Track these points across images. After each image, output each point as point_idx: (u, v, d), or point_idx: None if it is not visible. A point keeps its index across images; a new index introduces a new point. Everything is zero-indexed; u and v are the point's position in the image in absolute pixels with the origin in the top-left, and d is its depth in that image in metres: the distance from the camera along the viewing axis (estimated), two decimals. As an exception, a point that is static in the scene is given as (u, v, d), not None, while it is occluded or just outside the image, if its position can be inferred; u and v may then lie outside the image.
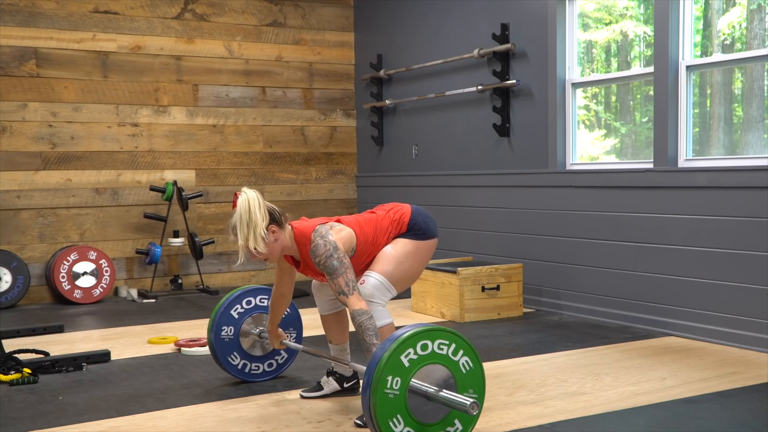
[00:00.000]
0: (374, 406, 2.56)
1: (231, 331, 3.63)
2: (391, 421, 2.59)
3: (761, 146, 4.48)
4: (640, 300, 4.84)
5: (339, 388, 3.45)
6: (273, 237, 3.09)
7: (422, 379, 2.64)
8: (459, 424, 2.72)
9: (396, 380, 2.59)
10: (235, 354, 3.65)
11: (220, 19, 6.95)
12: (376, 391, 2.56)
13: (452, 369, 2.71)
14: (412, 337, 2.63)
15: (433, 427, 2.67)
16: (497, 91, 5.78)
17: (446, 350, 2.70)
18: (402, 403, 2.60)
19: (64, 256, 6.14)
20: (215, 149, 6.97)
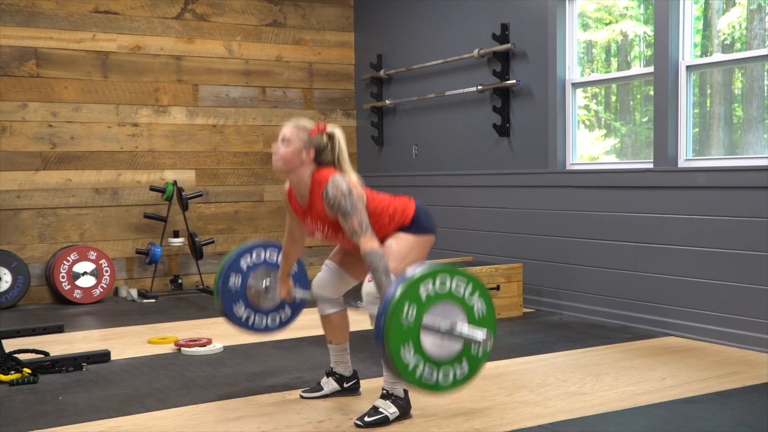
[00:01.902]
0: (389, 331, 2.63)
1: (238, 281, 3.61)
2: (403, 346, 2.65)
3: (761, 146, 4.48)
4: (640, 300, 4.84)
5: (339, 388, 3.45)
6: (306, 153, 3.10)
7: (437, 314, 2.72)
8: (466, 365, 2.78)
9: (412, 310, 2.67)
10: (241, 305, 3.62)
11: (220, 19, 6.95)
12: (392, 316, 2.63)
13: (466, 311, 2.78)
14: (433, 273, 2.71)
15: (441, 364, 2.74)
16: (497, 91, 5.78)
17: (463, 291, 2.77)
18: (415, 333, 2.68)
19: (64, 256, 6.14)
20: (215, 149, 6.97)
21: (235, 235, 7.07)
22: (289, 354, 4.31)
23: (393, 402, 3.10)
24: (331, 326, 3.40)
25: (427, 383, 2.73)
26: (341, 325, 3.40)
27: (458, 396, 3.43)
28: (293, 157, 3.10)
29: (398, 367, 2.67)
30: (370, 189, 3.23)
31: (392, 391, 3.12)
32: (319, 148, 3.13)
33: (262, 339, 4.71)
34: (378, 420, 3.05)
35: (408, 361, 2.67)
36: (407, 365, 2.68)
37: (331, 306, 3.38)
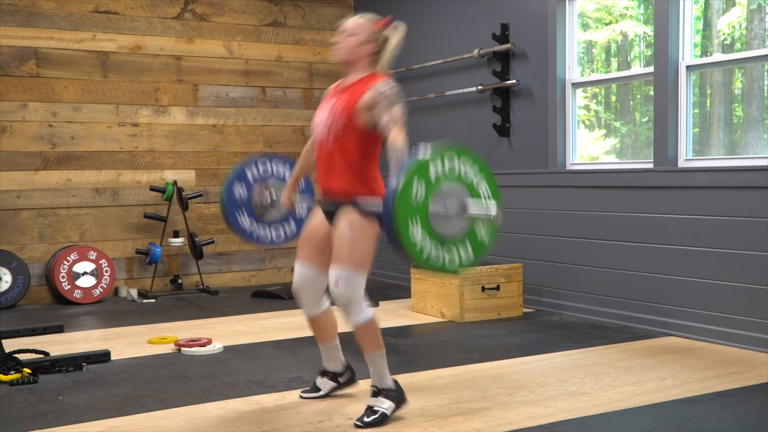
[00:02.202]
0: (398, 208, 2.68)
1: (244, 191, 3.62)
2: (411, 219, 2.71)
3: (761, 146, 4.48)
4: (640, 300, 4.84)
5: (335, 385, 3.45)
6: (367, 47, 3.16)
7: (446, 193, 2.80)
8: (470, 249, 2.87)
9: (421, 188, 2.73)
10: (245, 215, 3.63)
11: (220, 19, 6.95)
12: (402, 194, 2.69)
13: (472, 193, 2.87)
14: (442, 153, 2.79)
15: (449, 246, 2.81)
16: (497, 91, 5.78)
17: (470, 174, 2.86)
18: (423, 214, 2.74)
19: (64, 256, 6.14)
20: (215, 149, 6.97)
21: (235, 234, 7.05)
22: (289, 354, 4.31)
23: (385, 396, 3.10)
24: (318, 327, 3.38)
25: (434, 264, 2.80)
26: (327, 324, 3.38)
27: (458, 396, 3.44)
28: (356, 47, 3.16)
29: (407, 246, 2.72)
30: None
31: (382, 387, 3.11)
32: (381, 43, 3.17)
33: (261, 340, 4.71)
34: (377, 418, 3.05)
35: (416, 240, 2.73)
36: (415, 245, 2.73)
37: (315, 308, 3.34)
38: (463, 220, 2.85)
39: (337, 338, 3.44)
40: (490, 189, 2.92)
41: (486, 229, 2.92)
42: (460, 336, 4.77)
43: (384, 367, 3.13)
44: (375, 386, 3.13)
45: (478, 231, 2.90)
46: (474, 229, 2.89)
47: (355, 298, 3.03)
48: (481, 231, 2.91)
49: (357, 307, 3.04)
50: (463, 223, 2.85)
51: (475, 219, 2.87)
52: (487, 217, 2.84)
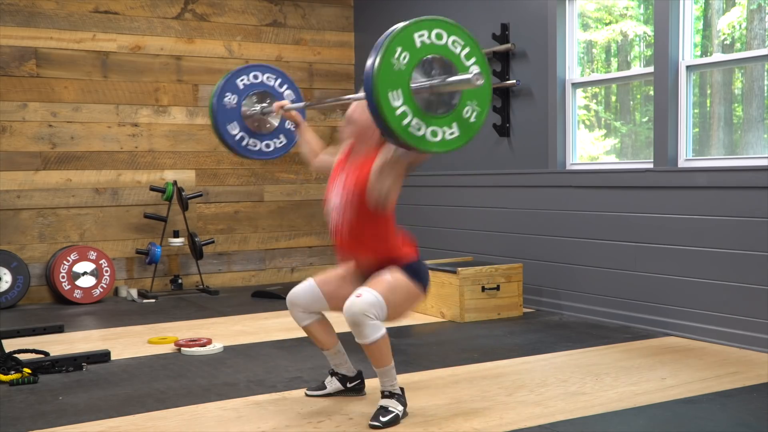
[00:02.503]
0: (377, 71, 2.55)
1: (234, 100, 3.58)
2: (391, 93, 2.58)
3: (761, 146, 4.48)
4: (640, 300, 4.84)
5: (342, 388, 3.45)
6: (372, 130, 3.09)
7: (429, 64, 2.66)
8: (456, 128, 2.72)
9: (404, 54, 2.60)
10: (235, 124, 3.59)
11: (220, 19, 6.95)
12: (383, 56, 2.56)
13: (461, 71, 2.71)
14: (432, 22, 2.66)
15: (431, 120, 2.66)
16: (497, 91, 5.78)
17: (459, 51, 2.71)
18: (405, 80, 2.60)
19: (64, 256, 6.14)
20: (215, 149, 6.96)
21: (235, 235, 7.07)
22: (289, 354, 4.31)
23: (398, 400, 3.12)
24: (313, 335, 3.38)
25: (412, 134, 2.63)
26: (323, 332, 3.37)
27: (458, 396, 3.44)
28: (363, 133, 3.13)
29: (384, 109, 2.58)
30: None
31: (393, 390, 3.12)
32: None
33: (261, 340, 4.71)
34: (392, 419, 3.05)
35: (395, 106, 2.59)
36: (394, 109, 2.59)
37: (306, 318, 3.33)
38: (449, 94, 2.68)
39: (339, 343, 3.42)
40: (477, 61, 2.76)
41: (474, 106, 2.74)
42: (460, 336, 4.77)
43: (395, 376, 3.13)
44: (387, 391, 3.12)
45: (466, 109, 2.73)
46: (462, 107, 2.72)
47: (369, 317, 2.96)
48: (469, 109, 2.74)
49: (369, 327, 2.97)
50: (449, 97, 2.69)
51: (462, 95, 2.70)
52: (468, 83, 2.62)
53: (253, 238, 7.16)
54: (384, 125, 2.62)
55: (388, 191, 2.98)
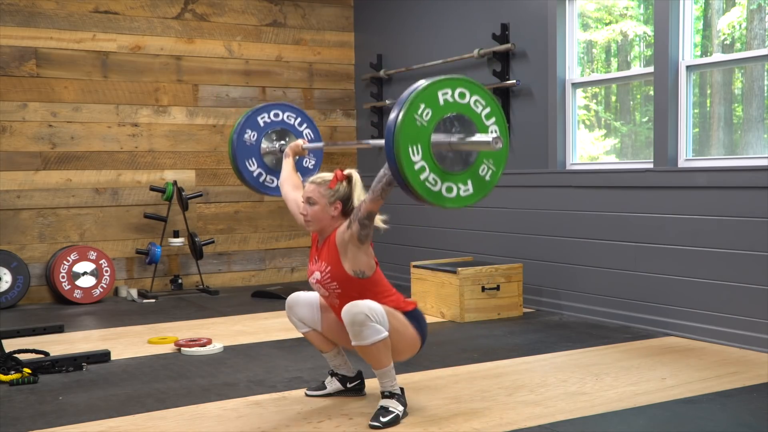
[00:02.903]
0: (400, 125, 2.66)
1: (254, 137, 3.64)
2: (411, 147, 2.69)
3: (761, 146, 4.48)
4: (640, 300, 4.84)
5: (342, 388, 3.45)
6: (333, 209, 3.16)
7: (450, 121, 2.77)
8: (471, 186, 2.82)
9: (427, 111, 2.71)
10: (254, 161, 3.65)
11: (220, 19, 6.95)
12: (407, 111, 2.67)
13: (481, 130, 2.82)
14: (456, 81, 2.76)
15: (448, 176, 2.77)
16: (497, 91, 5.78)
17: (480, 110, 2.82)
18: (426, 136, 2.71)
19: (64, 256, 6.14)
20: (215, 149, 6.97)
21: (235, 235, 7.07)
22: (289, 354, 4.31)
23: (398, 400, 3.12)
24: (312, 340, 3.39)
25: (429, 189, 2.75)
26: (321, 337, 3.38)
27: (458, 396, 3.44)
28: (322, 215, 3.17)
29: (403, 163, 2.69)
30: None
31: (393, 391, 3.12)
32: (343, 199, 3.16)
33: (261, 340, 4.71)
34: (392, 419, 3.06)
35: (414, 160, 2.69)
36: (413, 164, 2.70)
37: (303, 327, 3.37)
38: (466, 152, 2.78)
39: (339, 347, 3.43)
40: (497, 122, 2.87)
41: (490, 165, 2.85)
42: (460, 336, 4.77)
43: (394, 376, 3.14)
44: (387, 391, 3.13)
45: (481, 167, 2.83)
46: (478, 165, 2.82)
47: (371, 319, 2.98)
48: (485, 168, 2.84)
49: (370, 328, 2.99)
50: (466, 155, 2.79)
51: (479, 154, 2.80)
52: (487, 145, 2.74)
53: (253, 238, 7.16)
54: (402, 179, 2.73)
55: (364, 265, 3.09)
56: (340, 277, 3.10)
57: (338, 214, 3.17)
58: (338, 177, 3.16)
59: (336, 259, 3.11)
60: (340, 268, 3.10)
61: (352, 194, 3.17)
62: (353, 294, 3.11)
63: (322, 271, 3.15)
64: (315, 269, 3.21)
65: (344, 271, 3.10)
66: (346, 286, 3.12)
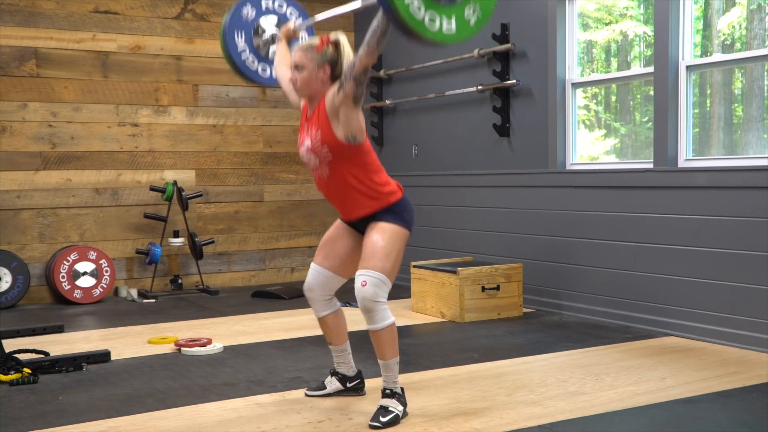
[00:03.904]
0: None
1: (252, 14, 3.61)
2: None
3: (761, 146, 4.48)
4: (640, 300, 4.84)
5: (342, 388, 3.45)
6: (322, 72, 3.12)
7: None
8: (453, 25, 2.73)
9: None
10: (242, 37, 3.60)
11: (220, 19, 6.95)
12: None
13: None
14: None
15: (432, 5, 2.67)
16: (497, 91, 5.78)
17: None
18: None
19: (64, 256, 6.14)
20: (215, 149, 6.97)
21: (235, 235, 7.07)
22: (289, 354, 4.31)
23: (398, 400, 3.13)
24: (328, 328, 3.39)
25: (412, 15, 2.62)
26: (337, 326, 3.39)
27: (458, 396, 3.44)
28: (311, 79, 3.13)
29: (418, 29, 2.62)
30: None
31: (395, 389, 3.13)
32: (331, 62, 3.14)
33: (261, 340, 4.71)
34: (392, 419, 3.06)
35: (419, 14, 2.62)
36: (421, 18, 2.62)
37: (324, 308, 3.36)
38: None
39: (348, 342, 3.44)
40: None
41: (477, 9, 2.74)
42: (460, 336, 4.77)
43: (397, 373, 3.15)
44: (389, 389, 3.13)
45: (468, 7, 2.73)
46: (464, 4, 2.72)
47: (380, 303, 3.04)
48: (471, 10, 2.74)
49: (380, 312, 3.04)
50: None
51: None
52: None
53: (253, 238, 7.16)
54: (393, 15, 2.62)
55: (356, 129, 3.05)
56: (331, 142, 3.08)
57: (327, 79, 3.13)
58: (324, 41, 3.14)
59: (327, 125, 3.08)
60: (331, 134, 3.07)
61: (340, 58, 3.15)
62: (344, 164, 3.10)
63: (313, 138, 3.12)
64: (305, 137, 3.18)
65: (335, 137, 3.07)
66: (337, 153, 3.09)
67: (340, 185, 3.14)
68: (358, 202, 3.15)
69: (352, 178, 3.12)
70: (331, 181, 3.16)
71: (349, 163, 3.11)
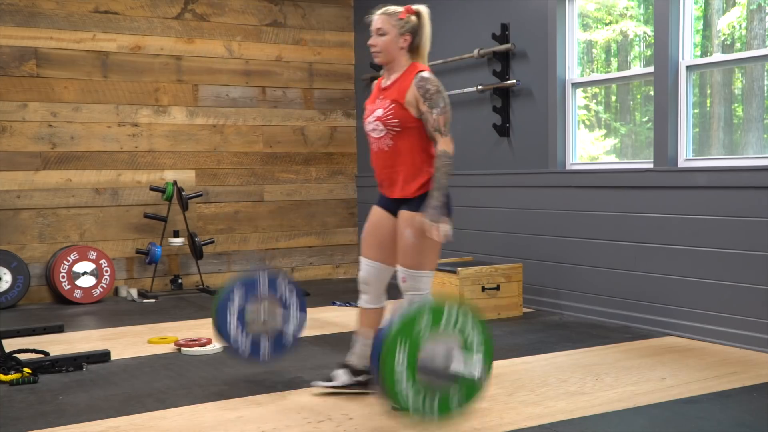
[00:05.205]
0: (384, 374, 2.67)
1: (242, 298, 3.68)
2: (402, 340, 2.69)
3: (761, 146, 4.48)
4: (640, 300, 4.84)
5: (351, 382, 3.46)
6: (403, 40, 3.20)
7: (432, 347, 2.75)
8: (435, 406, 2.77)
9: (404, 350, 2.69)
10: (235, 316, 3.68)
11: (220, 19, 6.95)
12: (386, 358, 2.67)
13: (463, 342, 2.82)
14: (427, 309, 2.75)
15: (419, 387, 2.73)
16: (497, 91, 5.78)
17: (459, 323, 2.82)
18: (411, 369, 2.71)
19: (64, 256, 6.14)
20: (215, 149, 6.97)
21: (235, 235, 7.07)
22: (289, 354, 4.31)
23: None
24: (369, 320, 3.42)
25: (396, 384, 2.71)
26: (377, 322, 3.40)
27: (458, 396, 3.44)
28: (391, 45, 3.21)
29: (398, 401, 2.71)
30: None
31: None
32: (412, 31, 3.21)
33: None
34: None
35: (398, 356, 2.69)
36: (396, 353, 2.69)
37: (375, 301, 3.43)
38: (447, 375, 2.77)
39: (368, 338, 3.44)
40: (484, 350, 2.87)
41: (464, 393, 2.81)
42: (460, 336, 4.76)
43: None
44: None
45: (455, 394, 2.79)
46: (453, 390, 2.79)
47: (421, 293, 3.21)
48: (457, 395, 2.80)
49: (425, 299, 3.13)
50: (446, 377, 2.77)
51: (458, 378, 2.78)
52: (470, 377, 2.78)
53: (253, 238, 7.16)
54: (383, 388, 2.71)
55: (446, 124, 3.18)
56: (402, 115, 3.17)
57: (407, 47, 3.22)
58: (408, 10, 3.21)
59: (401, 101, 3.17)
60: (404, 109, 3.17)
61: (421, 29, 3.22)
62: (409, 137, 3.19)
63: (386, 108, 3.21)
64: (378, 107, 3.25)
65: (409, 112, 3.16)
66: (403, 127, 3.18)
67: (399, 157, 3.23)
68: (409, 176, 3.23)
69: (411, 151, 3.21)
70: (390, 152, 3.24)
71: (414, 137, 3.20)
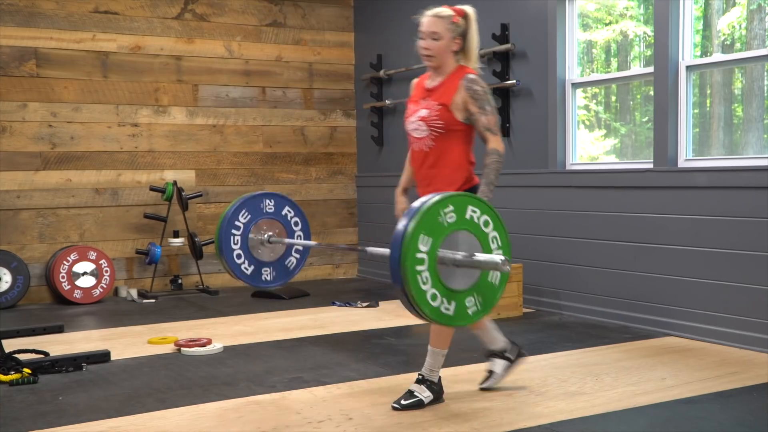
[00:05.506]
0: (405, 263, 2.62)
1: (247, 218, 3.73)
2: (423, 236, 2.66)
3: (761, 146, 4.48)
4: (640, 300, 4.84)
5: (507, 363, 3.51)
6: (455, 44, 3.21)
7: (452, 244, 2.75)
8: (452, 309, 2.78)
9: (452, 215, 2.72)
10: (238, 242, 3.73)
11: (220, 19, 6.95)
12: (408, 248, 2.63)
13: (481, 240, 2.82)
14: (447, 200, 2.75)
15: (439, 286, 2.73)
16: (497, 91, 5.78)
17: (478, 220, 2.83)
18: (441, 234, 2.71)
19: (64, 256, 6.14)
20: (215, 149, 6.97)
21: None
22: (289, 354, 4.31)
23: (428, 387, 3.25)
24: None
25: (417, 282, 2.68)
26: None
27: (458, 396, 3.43)
28: (445, 49, 3.21)
29: (418, 301, 2.67)
30: None
31: (428, 377, 3.25)
32: (463, 35, 3.23)
33: (261, 340, 4.71)
34: (413, 403, 3.20)
35: (421, 249, 2.66)
36: (417, 250, 2.65)
37: None
38: (473, 271, 2.77)
39: (486, 321, 3.49)
40: (500, 235, 2.88)
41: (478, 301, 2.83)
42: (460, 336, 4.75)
43: (437, 365, 3.26)
44: (422, 375, 3.27)
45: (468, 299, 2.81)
46: (464, 296, 2.80)
47: None
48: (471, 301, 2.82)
49: None
50: (473, 273, 2.78)
51: (482, 269, 2.79)
52: (494, 266, 2.74)
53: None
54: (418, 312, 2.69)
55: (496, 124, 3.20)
56: (447, 117, 3.18)
57: (458, 50, 3.23)
58: (459, 13, 3.22)
59: (448, 103, 3.18)
60: (449, 112, 3.18)
61: (469, 32, 3.24)
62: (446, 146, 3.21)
63: (431, 109, 3.21)
64: (423, 107, 3.25)
65: (453, 114, 3.18)
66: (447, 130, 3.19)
67: (439, 158, 3.24)
68: (446, 178, 3.24)
69: (451, 153, 3.22)
70: (430, 153, 3.25)
71: (456, 140, 3.21)
